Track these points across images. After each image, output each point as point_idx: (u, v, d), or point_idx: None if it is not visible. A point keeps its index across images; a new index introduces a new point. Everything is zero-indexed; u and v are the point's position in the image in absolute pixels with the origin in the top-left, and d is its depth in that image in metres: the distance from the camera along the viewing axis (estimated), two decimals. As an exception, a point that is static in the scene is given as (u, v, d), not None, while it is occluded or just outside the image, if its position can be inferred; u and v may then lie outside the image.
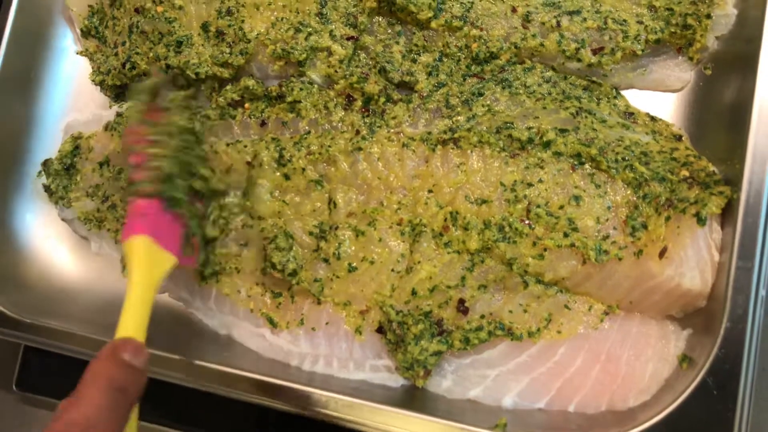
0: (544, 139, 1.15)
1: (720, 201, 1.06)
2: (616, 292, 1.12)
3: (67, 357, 1.23)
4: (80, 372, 1.34)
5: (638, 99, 1.24)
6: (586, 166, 1.14)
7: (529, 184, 1.14)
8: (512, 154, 1.16)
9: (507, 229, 1.13)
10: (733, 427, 0.99)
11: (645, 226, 1.10)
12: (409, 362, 1.15)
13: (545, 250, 1.12)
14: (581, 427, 1.10)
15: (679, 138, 1.18)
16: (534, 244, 1.12)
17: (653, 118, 1.21)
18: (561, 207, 1.12)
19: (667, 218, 1.08)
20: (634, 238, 1.10)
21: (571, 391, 1.13)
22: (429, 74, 1.24)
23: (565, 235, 1.11)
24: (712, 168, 1.11)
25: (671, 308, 1.11)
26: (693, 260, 1.05)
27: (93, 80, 1.42)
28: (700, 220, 1.05)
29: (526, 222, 1.13)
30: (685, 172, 1.11)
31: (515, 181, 1.14)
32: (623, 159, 1.13)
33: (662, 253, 1.07)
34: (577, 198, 1.12)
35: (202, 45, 1.30)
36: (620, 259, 1.10)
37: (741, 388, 1.00)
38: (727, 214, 1.07)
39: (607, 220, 1.11)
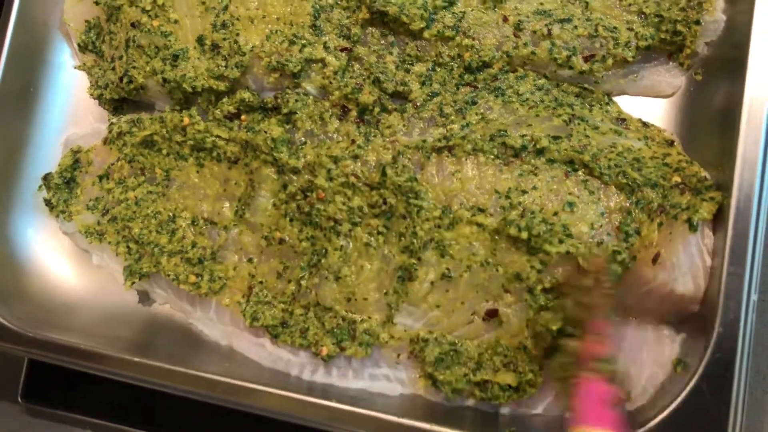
0: (538, 146, 1.16)
1: (711, 207, 1.07)
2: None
3: (72, 369, 1.24)
4: (84, 384, 1.38)
5: (630, 105, 1.25)
6: (580, 172, 1.15)
7: (524, 191, 1.15)
8: (506, 162, 1.17)
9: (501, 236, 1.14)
10: (727, 431, 1.00)
11: (638, 232, 1.11)
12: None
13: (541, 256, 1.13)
14: None
15: (671, 143, 1.19)
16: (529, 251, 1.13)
17: (645, 124, 1.22)
18: (555, 213, 1.13)
19: (660, 224, 1.09)
20: (628, 244, 1.11)
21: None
22: (422, 84, 1.25)
23: (560, 241, 1.12)
24: (703, 173, 1.12)
25: (665, 313, 1.12)
26: (685, 266, 1.06)
27: (91, 94, 1.43)
28: (692, 226, 1.06)
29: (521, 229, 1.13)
30: (677, 178, 1.12)
31: (509, 188, 1.15)
32: (616, 165, 1.14)
33: (655, 259, 1.08)
34: (571, 204, 1.13)
35: (198, 58, 1.31)
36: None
37: (734, 392, 1.01)
38: (718, 219, 1.08)
39: (601, 226, 1.12)
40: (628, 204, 1.12)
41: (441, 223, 1.16)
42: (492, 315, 1.15)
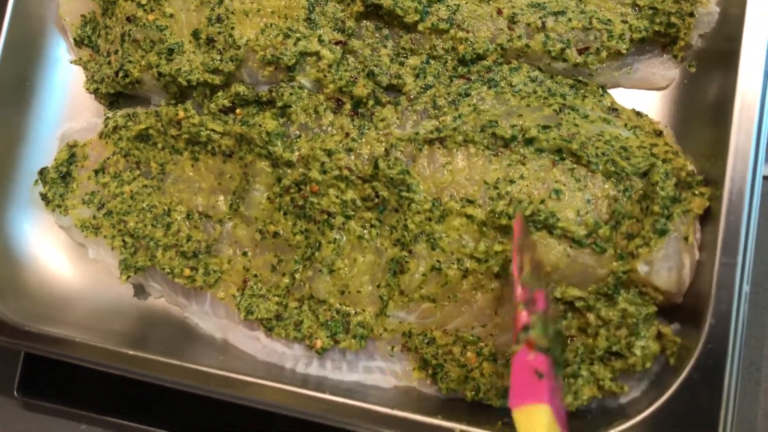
0: (527, 136, 1.16)
1: (702, 202, 1.08)
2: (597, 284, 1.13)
3: (68, 362, 1.24)
4: (80, 377, 1.39)
5: (624, 97, 1.25)
6: (567, 161, 1.15)
7: (511, 181, 1.15)
8: (496, 152, 1.17)
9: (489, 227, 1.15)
10: (719, 421, 1.00)
11: (627, 217, 1.12)
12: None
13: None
14: (573, 424, 1.11)
15: (659, 134, 1.19)
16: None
17: (639, 114, 1.22)
18: (542, 201, 1.13)
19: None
20: (616, 231, 1.11)
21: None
22: (416, 76, 1.25)
23: (548, 229, 1.12)
24: (690, 167, 1.12)
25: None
26: (672, 259, 1.07)
27: (87, 89, 1.44)
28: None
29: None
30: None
31: (498, 178, 1.15)
32: (603, 153, 1.14)
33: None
34: (557, 192, 1.13)
35: (193, 52, 1.31)
36: (603, 252, 1.11)
37: (726, 383, 1.01)
38: (706, 212, 1.08)
39: (587, 212, 1.13)
40: (615, 192, 1.13)
41: (432, 216, 1.16)
42: None
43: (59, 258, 1.42)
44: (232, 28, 1.29)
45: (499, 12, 1.23)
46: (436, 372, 1.17)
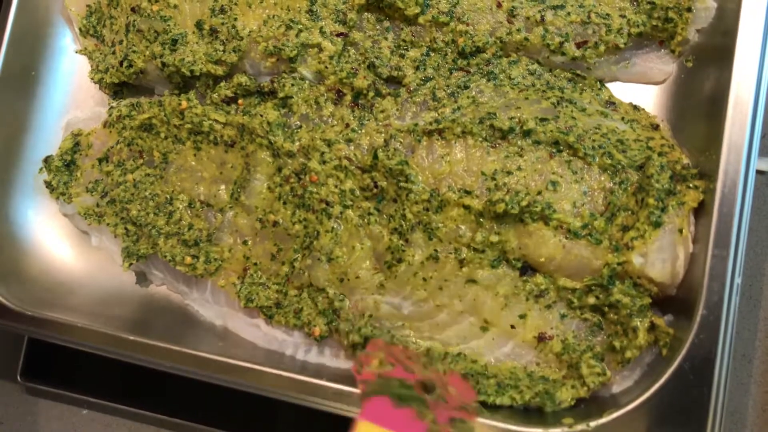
0: (525, 128, 1.17)
1: (696, 195, 1.09)
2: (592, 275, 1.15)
3: (71, 348, 1.26)
4: (83, 362, 1.40)
5: (622, 91, 1.26)
6: (564, 153, 1.16)
7: (509, 173, 1.16)
8: (494, 144, 1.18)
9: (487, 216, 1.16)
10: (708, 411, 1.02)
11: (623, 210, 1.13)
12: None
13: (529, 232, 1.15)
14: (566, 413, 1.12)
15: (656, 127, 1.20)
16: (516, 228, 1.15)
17: (636, 107, 1.23)
18: (539, 193, 1.14)
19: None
20: (611, 223, 1.12)
21: (558, 378, 1.15)
22: (416, 69, 1.26)
23: (544, 220, 1.13)
24: (686, 160, 1.13)
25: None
26: (667, 251, 1.08)
27: (92, 78, 1.45)
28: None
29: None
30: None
31: (495, 169, 1.17)
32: (600, 146, 1.15)
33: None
34: (554, 183, 1.14)
35: (197, 43, 1.33)
36: (599, 243, 1.12)
37: (716, 373, 1.02)
38: (701, 205, 1.09)
39: (583, 204, 1.14)
40: (611, 184, 1.14)
41: (429, 206, 1.17)
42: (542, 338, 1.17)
43: (62, 245, 1.44)
44: (235, 20, 1.30)
45: (499, 5, 1.24)
46: None
